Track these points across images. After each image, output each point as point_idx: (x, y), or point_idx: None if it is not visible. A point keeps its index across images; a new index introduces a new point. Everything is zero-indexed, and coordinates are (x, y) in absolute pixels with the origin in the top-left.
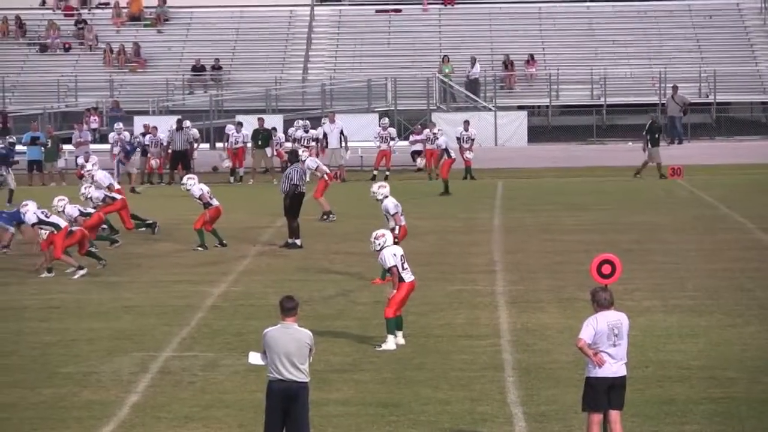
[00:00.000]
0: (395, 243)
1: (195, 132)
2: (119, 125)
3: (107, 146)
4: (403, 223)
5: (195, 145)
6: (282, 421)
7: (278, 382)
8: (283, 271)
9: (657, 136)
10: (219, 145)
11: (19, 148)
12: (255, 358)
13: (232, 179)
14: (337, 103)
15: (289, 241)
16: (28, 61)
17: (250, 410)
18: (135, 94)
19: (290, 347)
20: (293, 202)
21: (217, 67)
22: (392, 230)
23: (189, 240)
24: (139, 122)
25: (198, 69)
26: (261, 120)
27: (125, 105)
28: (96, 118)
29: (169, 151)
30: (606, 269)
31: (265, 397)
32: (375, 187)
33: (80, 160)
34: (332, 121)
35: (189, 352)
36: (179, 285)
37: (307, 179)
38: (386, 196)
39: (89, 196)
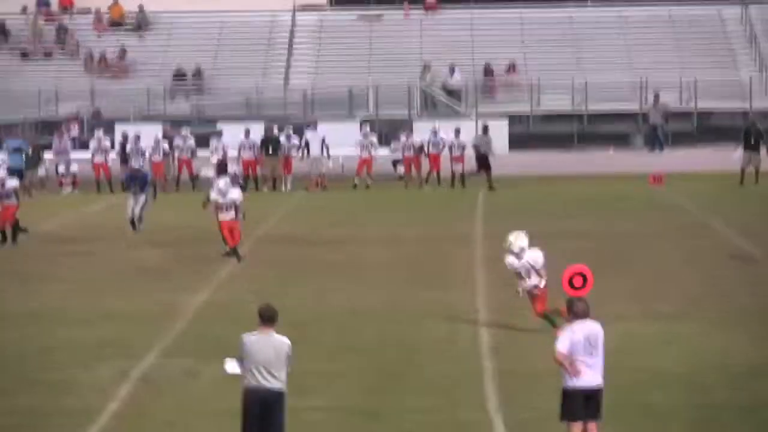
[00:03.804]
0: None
1: (192, 143)
2: (99, 133)
3: (87, 154)
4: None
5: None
6: (259, 429)
7: (255, 390)
8: (264, 279)
9: (754, 140)
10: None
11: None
12: (231, 366)
13: None
14: (319, 111)
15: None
16: (9, 68)
17: (230, 418)
18: (116, 101)
19: (268, 355)
20: None
21: (198, 74)
22: (535, 287)
23: (170, 246)
24: (119, 130)
25: (179, 76)
26: (271, 127)
27: (106, 112)
28: (76, 125)
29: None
30: (578, 281)
31: (242, 405)
32: (511, 237)
33: (61, 169)
34: (314, 129)
35: (170, 359)
36: (161, 292)
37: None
38: (523, 248)
39: None
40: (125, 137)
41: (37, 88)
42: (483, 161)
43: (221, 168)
